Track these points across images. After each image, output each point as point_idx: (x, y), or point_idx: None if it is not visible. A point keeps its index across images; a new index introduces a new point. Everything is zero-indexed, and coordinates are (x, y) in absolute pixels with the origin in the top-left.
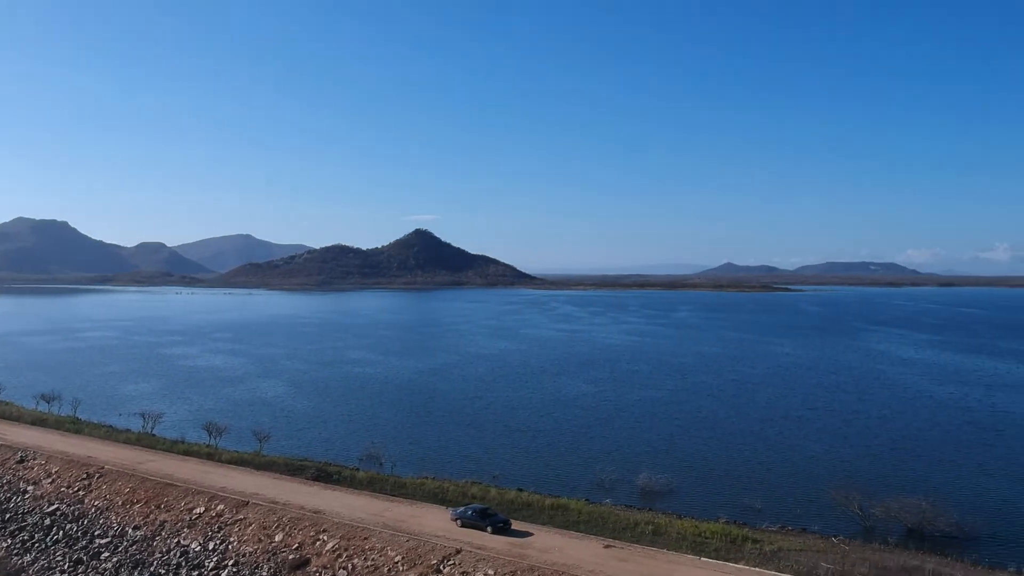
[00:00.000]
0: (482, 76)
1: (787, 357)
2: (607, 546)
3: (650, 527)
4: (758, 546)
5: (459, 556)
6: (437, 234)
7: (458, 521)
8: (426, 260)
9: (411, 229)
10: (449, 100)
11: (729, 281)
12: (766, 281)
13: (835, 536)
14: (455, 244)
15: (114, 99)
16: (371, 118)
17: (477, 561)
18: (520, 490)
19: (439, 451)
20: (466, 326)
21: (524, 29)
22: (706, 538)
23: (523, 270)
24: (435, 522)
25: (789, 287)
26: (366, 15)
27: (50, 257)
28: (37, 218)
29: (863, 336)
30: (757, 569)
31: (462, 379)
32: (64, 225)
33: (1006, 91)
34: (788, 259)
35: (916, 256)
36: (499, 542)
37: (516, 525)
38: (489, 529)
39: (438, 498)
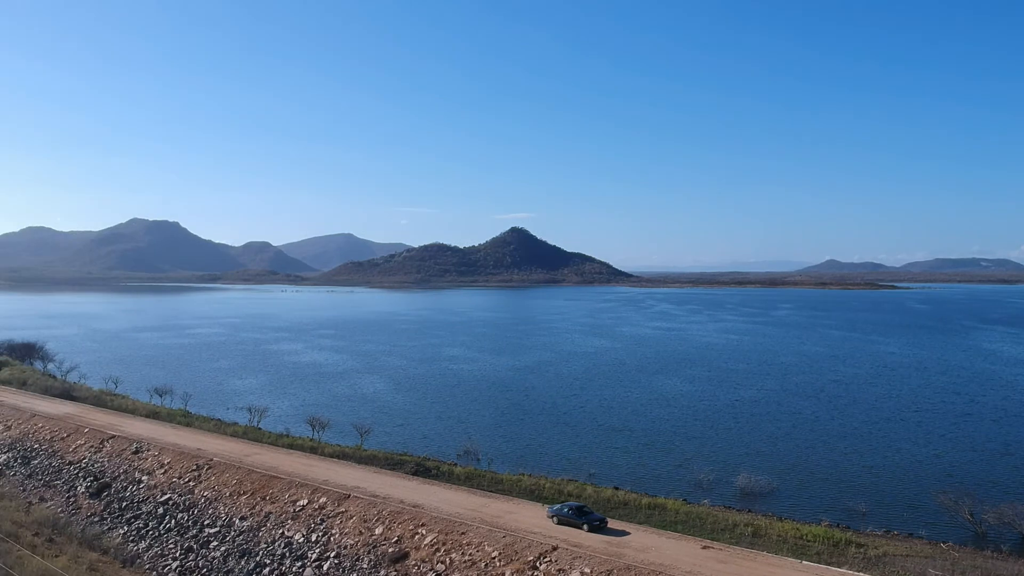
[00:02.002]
0: (574, 78)
1: (893, 357)
2: (705, 547)
3: (749, 529)
4: (862, 550)
5: (555, 553)
6: (533, 232)
7: (554, 518)
8: (522, 258)
9: (507, 227)
10: (542, 100)
11: (832, 278)
12: (871, 278)
13: (944, 542)
14: (551, 242)
15: (221, 104)
16: (467, 119)
17: (573, 559)
18: (616, 488)
19: (535, 448)
20: (562, 324)
21: (611, 33)
22: (808, 541)
23: (619, 268)
24: (531, 519)
25: (895, 285)
26: (453, 20)
27: (163, 256)
28: (151, 219)
29: (974, 335)
30: (861, 574)
31: (557, 377)
32: (176, 226)
33: None
34: (895, 255)
35: None
36: (595, 540)
37: (612, 524)
38: (585, 527)
39: (534, 495)
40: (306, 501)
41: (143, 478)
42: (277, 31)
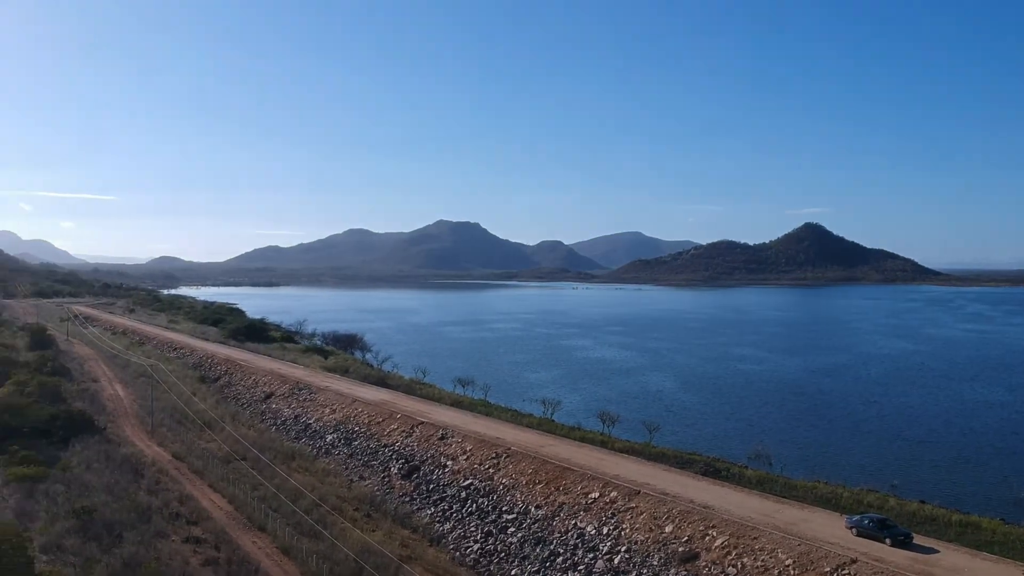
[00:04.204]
0: (873, 60)
1: None
2: None
3: None
4: None
5: (855, 566)
6: (829, 228)
7: (853, 530)
8: (816, 255)
9: (800, 223)
10: (836, 90)
11: None
12: None
13: None
14: (848, 238)
15: (516, 111)
16: (759, 107)
17: (874, 574)
18: (923, 502)
19: (830, 455)
20: (860, 324)
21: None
22: None
23: (925, 265)
24: (827, 528)
25: None
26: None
27: (465, 255)
28: (454, 220)
29: None
30: None
31: (855, 381)
32: (476, 226)
33: None
34: None
35: None
36: (899, 556)
37: (918, 540)
38: (888, 541)
39: (830, 504)
40: (597, 494)
41: (448, 463)
42: (572, 33)
